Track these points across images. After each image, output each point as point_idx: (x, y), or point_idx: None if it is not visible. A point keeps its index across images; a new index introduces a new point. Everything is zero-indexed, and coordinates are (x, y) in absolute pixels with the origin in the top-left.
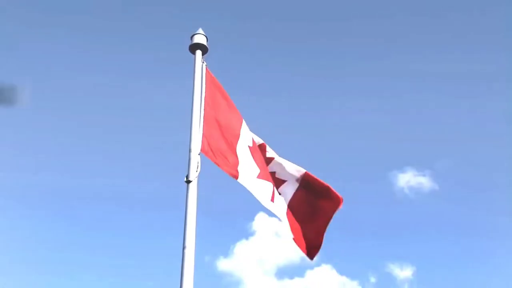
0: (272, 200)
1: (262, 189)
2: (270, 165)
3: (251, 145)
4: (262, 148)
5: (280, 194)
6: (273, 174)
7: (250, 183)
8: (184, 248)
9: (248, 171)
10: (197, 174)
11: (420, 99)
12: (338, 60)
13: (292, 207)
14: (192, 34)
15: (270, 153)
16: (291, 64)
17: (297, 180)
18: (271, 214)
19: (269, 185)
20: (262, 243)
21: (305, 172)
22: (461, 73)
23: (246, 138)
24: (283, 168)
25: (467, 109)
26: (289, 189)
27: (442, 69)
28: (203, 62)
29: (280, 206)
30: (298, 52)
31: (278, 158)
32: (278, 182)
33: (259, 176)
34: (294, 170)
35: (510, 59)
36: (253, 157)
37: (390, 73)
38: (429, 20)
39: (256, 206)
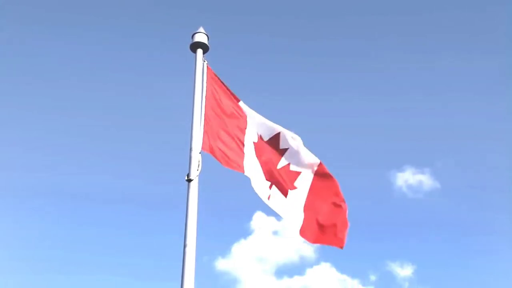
0: (269, 198)
1: (263, 185)
2: (285, 156)
3: (256, 140)
4: (274, 140)
5: (295, 188)
6: (286, 167)
7: (254, 178)
8: (185, 246)
9: (252, 166)
10: (198, 172)
11: (420, 99)
12: (338, 59)
13: (312, 197)
14: (193, 32)
15: (284, 143)
16: (292, 63)
17: (312, 169)
18: (269, 212)
19: (266, 183)
20: (261, 242)
21: (320, 162)
22: (461, 72)
23: (252, 133)
24: (299, 157)
25: (467, 107)
26: (305, 180)
27: (441, 68)
28: (204, 61)
29: (280, 203)
30: (299, 50)
31: (294, 147)
32: (292, 176)
33: (262, 171)
34: (311, 158)
35: (510, 59)
36: (256, 153)
37: (389, 72)
38: (429, 20)
39: (254, 205)
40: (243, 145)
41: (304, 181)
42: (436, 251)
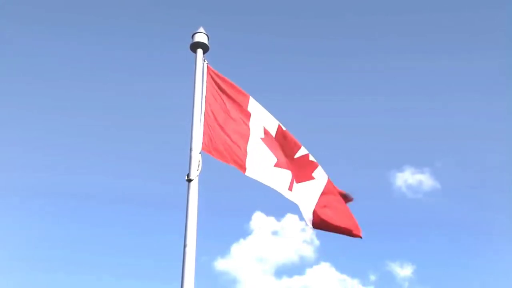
0: (290, 189)
1: (279, 178)
2: (304, 146)
3: (263, 136)
4: (282, 132)
5: (313, 178)
6: (306, 156)
7: (264, 174)
8: (185, 246)
9: (262, 163)
10: (198, 172)
11: (420, 99)
12: (338, 59)
13: (329, 189)
14: (193, 32)
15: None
16: (292, 62)
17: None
18: (269, 212)
19: (287, 174)
20: (260, 242)
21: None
22: (461, 72)
23: (258, 130)
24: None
25: (467, 107)
26: (323, 173)
27: (441, 68)
28: (204, 61)
29: (302, 191)
30: (299, 50)
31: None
32: (311, 165)
33: (276, 165)
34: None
35: (510, 59)
36: (269, 147)
37: (389, 72)
38: (429, 20)
39: (253, 205)
40: (247, 144)
41: (322, 174)
42: (436, 251)
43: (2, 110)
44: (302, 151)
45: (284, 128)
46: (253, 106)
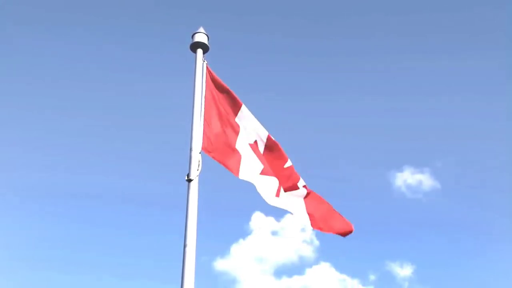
0: (278, 195)
1: (265, 185)
2: (289, 160)
3: (252, 142)
4: (275, 143)
5: (297, 188)
6: (291, 167)
7: (253, 180)
8: (185, 246)
9: (251, 168)
10: (198, 172)
11: (420, 99)
12: (338, 59)
13: (312, 197)
14: (193, 32)
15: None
16: (291, 63)
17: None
18: (268, 213)
19: (274, 181)
20: (260, 242)
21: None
22: (461, 72)
23: (247, 135)
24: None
25: (467, 107)
26: (304, 183)
27: (441, 68)
28: (204, 61)
29: (290, 198)
30: (299, 50)
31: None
32: (296, 176)
33: (262, 173)
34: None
35: (510, 59)
36: (256, 154)
37: (389, 72)
38: (429, 20)
39: (253, 205)
40: (240, 147)
41: (303, 184)
42: (436, 251)
43: (2, 110)
44: (289, 163)
45: (273, 138)
46: (245, 112)
